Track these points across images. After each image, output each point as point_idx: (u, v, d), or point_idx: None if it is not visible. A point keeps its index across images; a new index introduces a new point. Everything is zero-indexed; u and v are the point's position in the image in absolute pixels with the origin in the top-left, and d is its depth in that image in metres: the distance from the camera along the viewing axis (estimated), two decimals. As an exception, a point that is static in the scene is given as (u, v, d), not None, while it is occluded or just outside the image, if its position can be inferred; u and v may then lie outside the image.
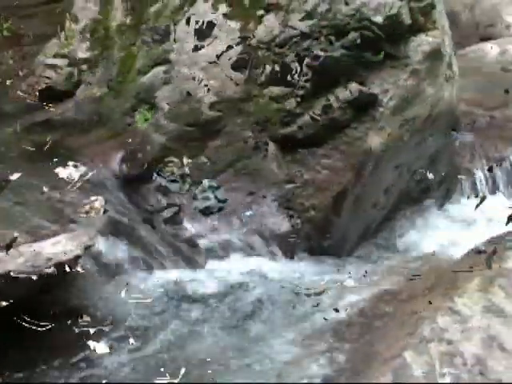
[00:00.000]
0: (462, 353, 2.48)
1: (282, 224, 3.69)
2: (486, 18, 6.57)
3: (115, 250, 3.50)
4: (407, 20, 3.74)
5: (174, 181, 3.79)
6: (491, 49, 5.83)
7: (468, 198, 4.54)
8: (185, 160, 3.77)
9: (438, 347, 2.51)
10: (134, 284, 3.45)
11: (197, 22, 3.82)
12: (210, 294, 3.44)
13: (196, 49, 3.79)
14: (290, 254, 3.69)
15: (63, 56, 4.23)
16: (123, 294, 3.31)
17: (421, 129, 3.96)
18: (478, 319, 2.56)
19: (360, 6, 3.63)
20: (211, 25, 3.79)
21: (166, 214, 3.77)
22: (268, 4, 3.73)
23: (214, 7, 3.82)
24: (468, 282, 2.71)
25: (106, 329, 3.10)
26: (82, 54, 4.18)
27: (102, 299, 3.30)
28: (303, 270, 3.58)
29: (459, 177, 4.55)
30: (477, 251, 2.99)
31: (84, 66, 4.16)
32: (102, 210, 3.29)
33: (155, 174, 3.79)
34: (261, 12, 3.75)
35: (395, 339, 2.71)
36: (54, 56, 4.26)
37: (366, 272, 3.50)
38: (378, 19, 3.64)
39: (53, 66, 4.23)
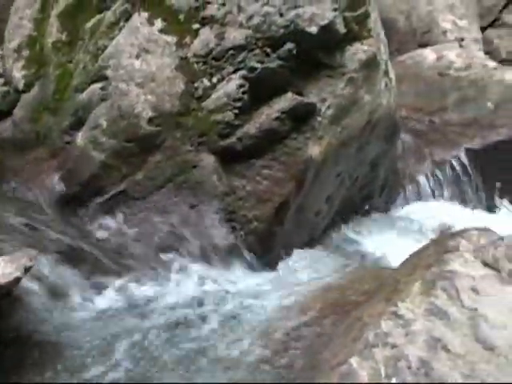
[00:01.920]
0: (407, 356, 2.48)
1: (225, 236, 3.68)
2: (423, 25, 6.68)
3: (60, 270, 3.45)
4: (342, 29, 3.77)
5: (112, 198, 3.76)
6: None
7: (411, 202, 4.59)
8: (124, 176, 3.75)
9: (382, 352, 2.51)
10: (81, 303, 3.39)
11: (132, 38, 3.81)
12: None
13: (132, 64, 3.77)
14: (232, 265, 3.67)
15: (-2, 75, 4.19)
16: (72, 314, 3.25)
17: (360, 136, 3.99)
18: (422, 322, 2.56)
19: (294, 17, 3.65)
20: (147, 40, 3.79)
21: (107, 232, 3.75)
22: (203, 17, 3.73)
23: (150, 22, 3.81)
24: (410, 286, 2.71)
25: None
26: (18, 72, 4.13)
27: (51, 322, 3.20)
28: (247, 281, 3.57)
29: (401, 182, 4.60)
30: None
31: (20, 85, 4.12)
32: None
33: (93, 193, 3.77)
34: (196, 26, 3.74)
35: (341, 346, 2.71)
36: (-11, 76, 4.21)
37: (310, 280, 3.51)
38: (313, 29, 3.66)
39: (-12, 86, 4.19)
